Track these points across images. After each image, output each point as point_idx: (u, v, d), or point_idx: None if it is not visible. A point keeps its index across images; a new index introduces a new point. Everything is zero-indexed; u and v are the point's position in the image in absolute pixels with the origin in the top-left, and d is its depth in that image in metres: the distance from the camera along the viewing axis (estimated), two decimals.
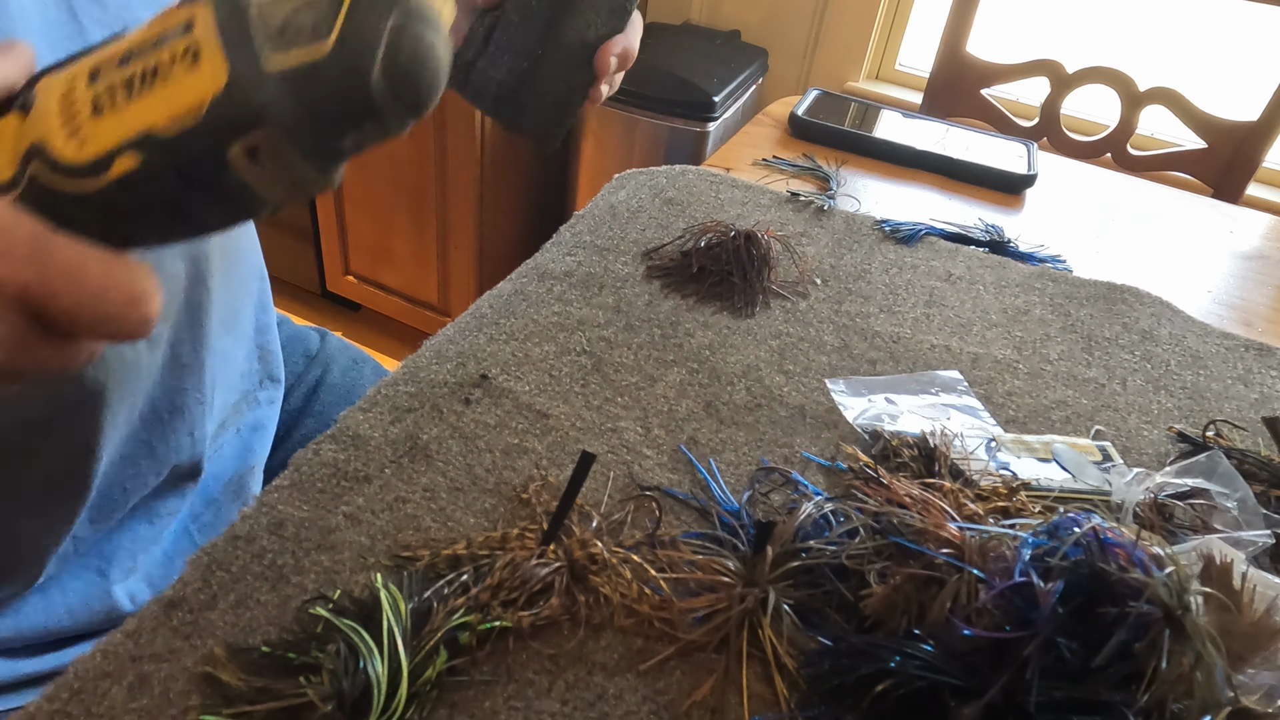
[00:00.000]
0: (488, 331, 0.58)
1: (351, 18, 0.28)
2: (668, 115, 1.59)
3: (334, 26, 0.28)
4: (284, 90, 0.28)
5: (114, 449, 0.51)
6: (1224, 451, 0.53)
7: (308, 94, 0.28)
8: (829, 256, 0.73)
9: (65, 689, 0.36)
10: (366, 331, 1.99)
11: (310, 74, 0.28)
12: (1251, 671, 0.37)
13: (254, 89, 0.27)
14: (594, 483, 0.48)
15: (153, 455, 0.53)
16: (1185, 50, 1.65)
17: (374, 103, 0.29)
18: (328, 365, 0.75)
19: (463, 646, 0.38)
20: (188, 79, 0.27)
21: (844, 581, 0.41)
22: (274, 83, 0.28)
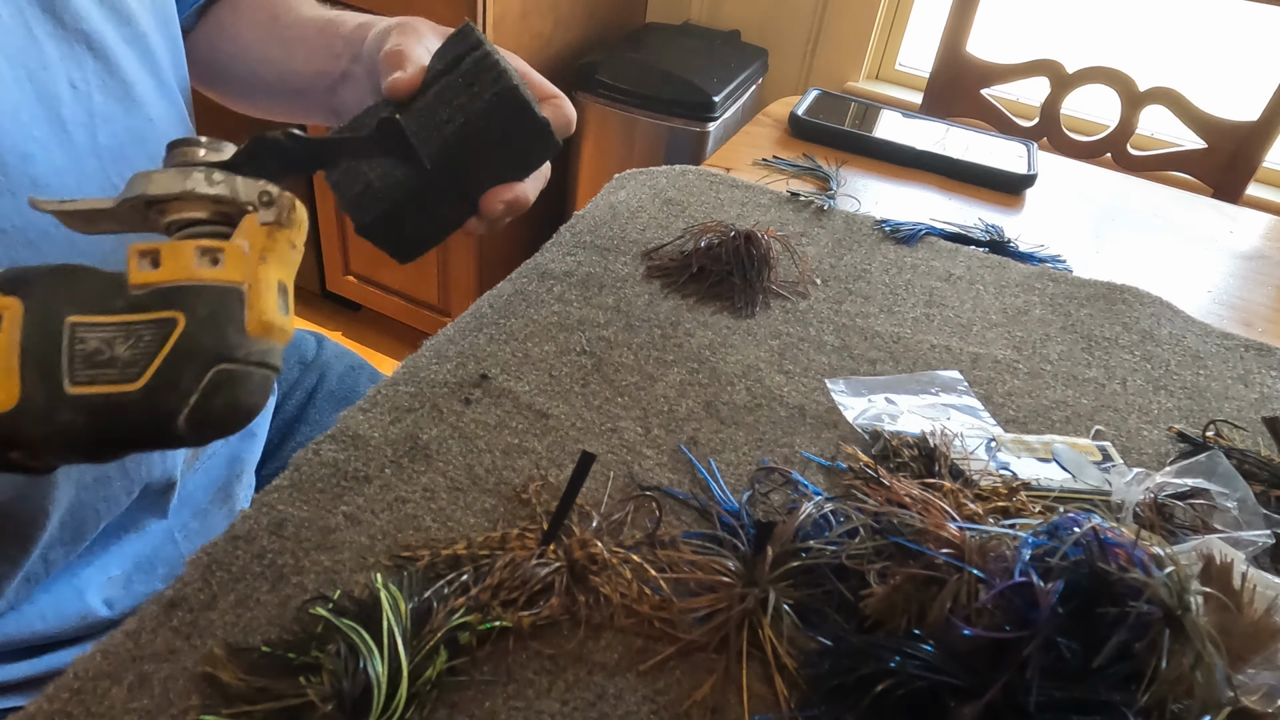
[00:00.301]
0: (488, 331, 0.58)
1: (171, 359, 0.28)
2: (668, 115, 1.59)
3: (149, 369, 0.28)
4: (80, 417, 0.28)
5: (81, 474, 0.49)
6: (1224, 451, 0.53)
7: (106, 424, 0.28)
8: (829, 256, 0.73)
9: (65, 689, 0.36)
10: (366, 331, 1.99)
11: (113, 408, 0.28)
12: (1251, 671, 0.37)
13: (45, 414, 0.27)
14: (594, 483, 0.48)
15: (125, 475, 0.52)
16: (1185, 50, 1.65)
17: (174, 438, 0.29)
18: (324, 371, 0.74)
19: (463, 646, 0.38)
20: None
21: (844, 581, 0.41)
22: (72, 408, 0.27)
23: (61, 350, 0.28)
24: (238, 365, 0.29)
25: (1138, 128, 1.30)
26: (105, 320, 0.28)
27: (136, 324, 0.28)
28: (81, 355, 0.28)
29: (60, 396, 0.28)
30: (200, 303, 0.29)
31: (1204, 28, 1.66)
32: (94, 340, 0.28)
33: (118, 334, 0.28)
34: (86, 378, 0.28)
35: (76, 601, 0.53)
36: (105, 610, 0.54)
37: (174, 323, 0.29)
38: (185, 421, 0.29)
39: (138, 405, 0.28)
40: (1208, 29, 1.66)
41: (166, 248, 0.29)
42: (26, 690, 0.52)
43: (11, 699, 0.51)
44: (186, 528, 0.60)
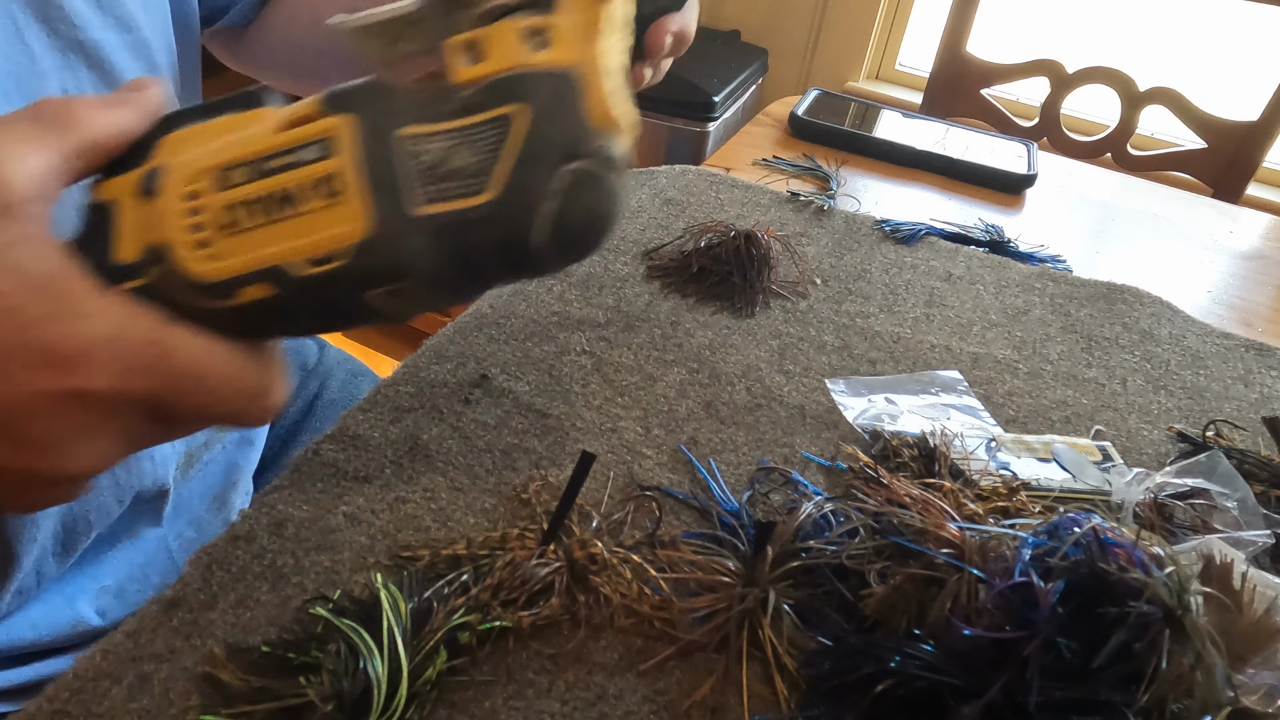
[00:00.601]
0: (488, 331, 0.58)
1: (520, 170, 0.25)
2: (668, 115, 1.59)
3: (493, 174, 0.25)
4: (433, 242, 0.25)
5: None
6: (1224, 451, 0.53)
7: (460, 247, 0.25)
8: (829, 256, 0.73)
9: (65, 689, 0.36)
10: (366, 331, 1.99)
11: (465, 226, 0.25)
12: (1251, 671, 0.37)
13: (401, 240, 0.25)
14: (594, 483, 0.48)
15: (115, 484, 0.51)
16: (1185, 50, 1.65)
17: (533, 259, 0.26)
18: (326, 379, 0.74)
19: (463, 646, 0.38)
20: (326, 215, 0.25)
21: (844, 581, 0.41)
22: (422, 235, 0.25)
23: (400, 168, 0.25)
24: (589, 163, 0.25)
25: (1138, 128, 1.30)
26: (439, 128, 0.26)
27: (471, 127, 0.25)
28: (421, 171, 0.25)
29: (410, 220, 0.25)
30: (538, 93, 0.25)
31: (1204, 28, 1.66)
32: (431, 152, 0.25)
33: (453, 141, 0.25)
34: (431, 195, 0.25)
35: (68, 610, 0.53)
36: (97, 619, 0.54)
37: (510, 119, 0.25)
38: (542, 236, 0.25)
39: (488, 220, 0.25)
40: (1208, 29, 1.66)
41: (488, 33, 0.26)
42: (15, 698, 0.51)
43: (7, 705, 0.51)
44: (182, 537, 0.59)
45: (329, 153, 0.25)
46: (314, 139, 0.26)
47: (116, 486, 0.52)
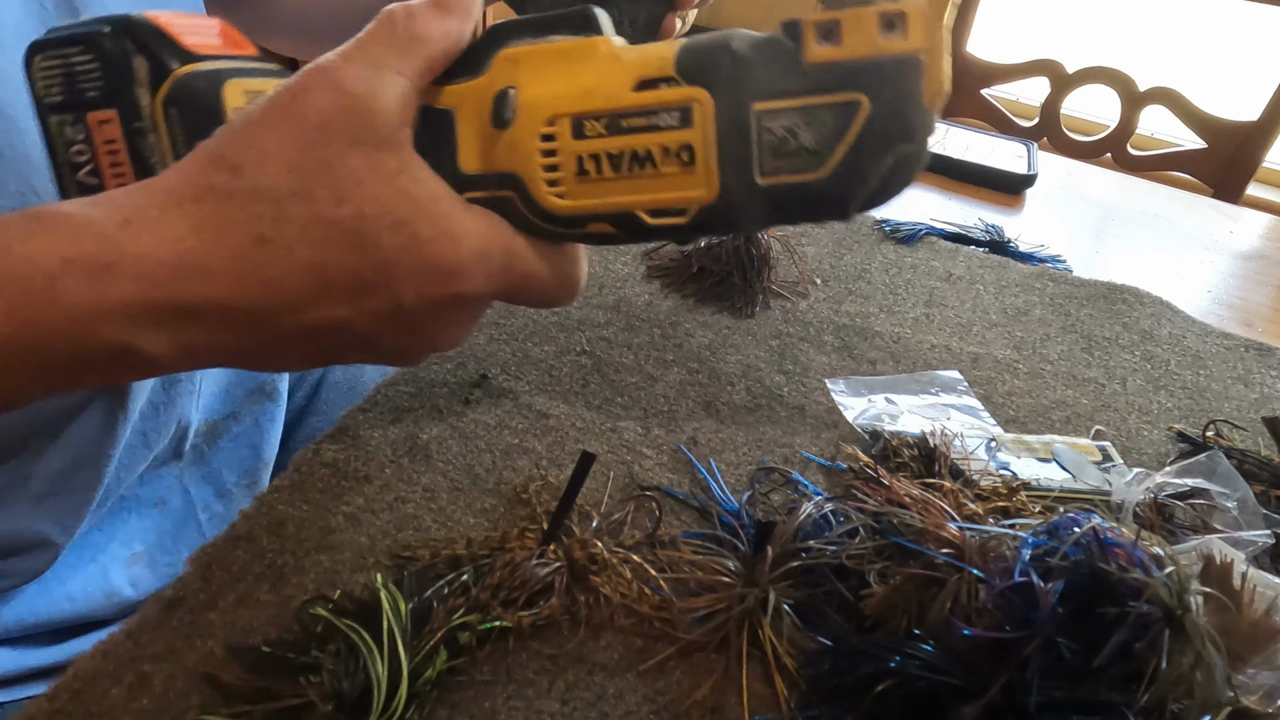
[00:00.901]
0: (488, 331, 0.58)
1: (855, 151, 0.27)
2: None
3: (832, 157, 0.27)
4: (764, 203, 0.29)
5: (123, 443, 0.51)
6: (1224, 451, 0.53)
7: (784, 210, 0.29)
8: (829, 256, 0.73)
9: (65, 689, 0.36)
10: None
11: (795, 195, 0.28)
12: (1251, 671, 0.37)
13: (738, 208, 0.28)
14: (594, 483, 0.48)
15: (146, 443, 0.54)
16: (1185, 50, 1.65)
17: (842, 214, 0.29)
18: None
19: (463, 646, 0.38)
20: (679, 179, 0.29)
21: (844, 581, 0.41)
22: (758, 202, 0.28)
23: (751, 142, 0.28)
24: (915, 146, 0.28)
25: (1138, 128, 1.30)
26: (787, 105, 0.28)
27: (818, 107, 0.28)
28: (769, 145, 0.28)
29: (753, 188, 0.28)
30: (884, 82, 0.27)
31: (1204, 28, 1.66)
32: (779, 128, 0.28)
33: (800, 119, 0.28)
34: (773, 168, 0.28)
35: (101, 581, 0.54)
36: (130, 590, 0.55)
37: (857, 105, 0.27)
38: (859, 204, 0.29)
39: (820, 192, 0.28)
40: (1208, 29, 1.66)
41: (848, 17, 0.28)
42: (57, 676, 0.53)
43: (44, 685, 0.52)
44: (210, 509, 0.61)
45: (688, 123, 0.28)
46: (673, 106, 0.28)
47: (147, 449, 0.54)
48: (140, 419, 0.52)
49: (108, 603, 0.54)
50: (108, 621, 0.55)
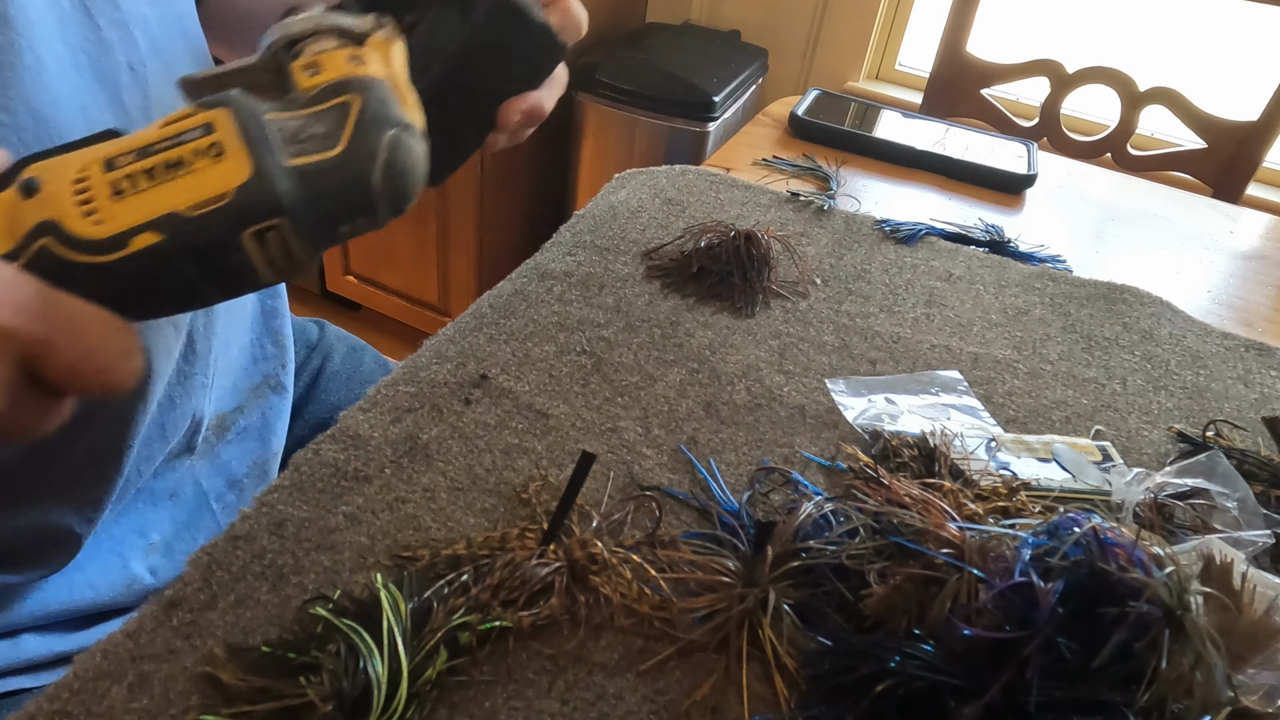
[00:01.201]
0: (488, 331, 0.58)
1: (358, 131, 0.33)
2: (668, 115, 1.59)
3: (342, 137, 0.33)
4: (299, 184, 0.32)
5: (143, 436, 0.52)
6: (1224, 451, 0.53)
7: (319, 189, 0.32)
8: (829, 256, 0.73)
9: (65, 689, 0.36)
10: (366, 331, 1.99)
11: (322, 172, 0.32)
12: (1251, 671, 0.37)
13: (275, 181, 0.31)
14: (594, 483, 0.48)
15: (163, 436, 0.54)
16: (1185, 50, 1.65)
17: (371, 200, 0.33)
18: (328, 353, 0.76)
19: (463, 646, 0.38)
20: (212, 170, 0.31)
21: (844, 581, 0.41)
22: (292, 177, 0.32)
23: (270, 136, 0.32)
24: (404, 131, 0.34)
25: (1138, 128, 1.30)
26: (295, 114, 0.34)
27: (320, 111, 0.34)
28: (287, 135, 0.33)
29: (280, 166, 0.32)
30: (367, 88, 0.34)
31: (1204, 28, 1.66)
32: (292, 125, 0.33)
33: (308, 120, 0.33)
34: (296, 151, 0.32)
35: (122, 569, 0.55)
36: (150, 578, 0.56)
37: (350, 104, 0.34)
38: (380, 179, 0.33)
39: (342, 166, 0.33)
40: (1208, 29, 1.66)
41: (323, 56, 0.35)
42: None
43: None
44: (223, 499, 0.61)
45: (212, 130, 0.32)
46: (196, 125, 0.32)
47: (164, 441, 0.54)
48: (159, 411, 0.53)
49: (129, 590, 0.55)
50: (130, 608, 0.55)
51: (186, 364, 0.54)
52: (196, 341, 0.54)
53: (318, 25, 0.37)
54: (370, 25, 0.38)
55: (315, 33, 0.37)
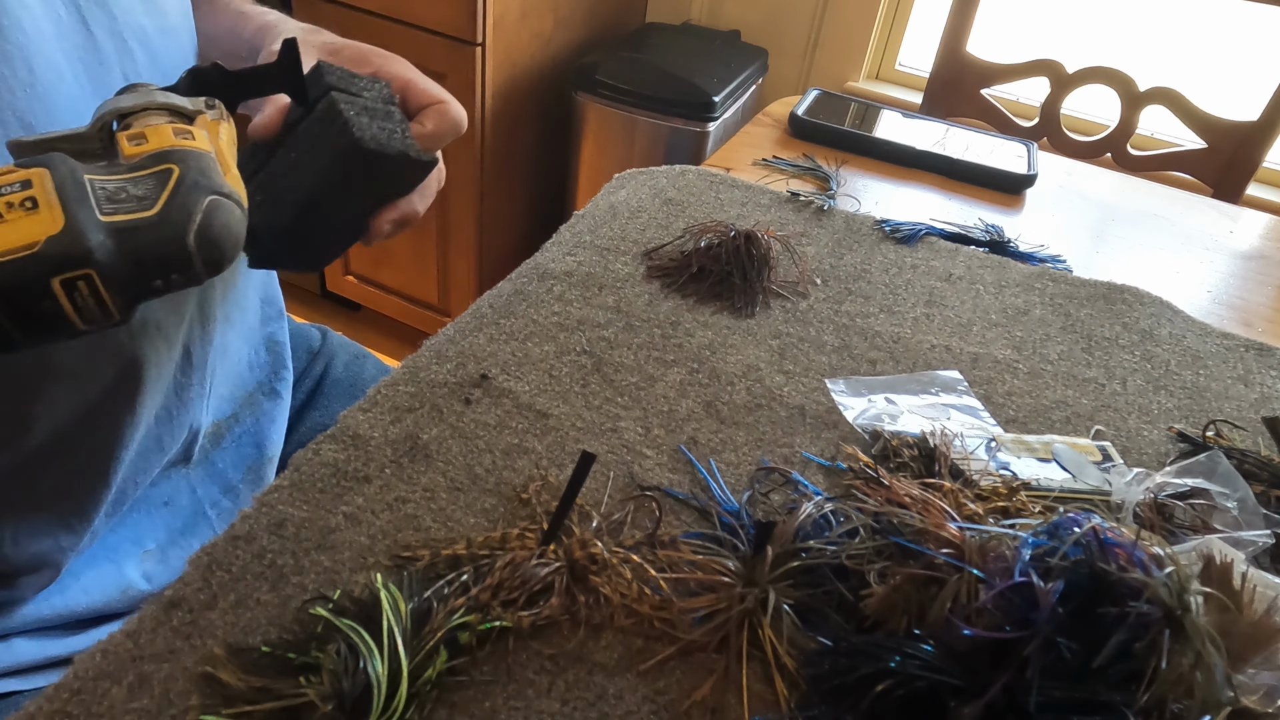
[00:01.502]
0: (488, 331, 0.58)
1: (175, 194, 0.35)
2: (668, 115, 1.59)
3: (159, 199, 0.35)
4: (111, 239, 0.34)
5: (135, 448, 0.52)
6: (1224, 451, 0.53)
7: (131, 245, 0.34)
8: (829, 256, 0.73)
9: (65, 689, 0.36)
10: (366, 331, 1.99)
11: (136, 230, 0.34)
12: (1251, 671, 0.37)
13: (87, 234, 0.33)
14: (594, 483, 0.48)
15: (160, 448, 0.55)
16: (1185, 50, 1.65)
17: (187, 259, 0.35)
18: (331, 360, 0.76)
19: (463, 646, 0.38)
20: (24, 221, 0.33)
21: (844, 581, 0.41)
22: (105, 231, 0.34)
23: (89, 194, 0.34)
24: (226, 198, 0.36)
25: (1138, 128, 1.30)
26: (116, 176, 0.35)
27: (141, 176, 0.36)
28: (104, 195, 0.34)
29: (95, 222, 0.33)
30: (188, 158, 0.36)
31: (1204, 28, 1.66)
32: (111, 186, 0.35)
33: (128, 183, 0.35)
34: (112, 209, 0.34)
35: (117, 575, 0.55)
36: (145, 584, 0.56)
37: (171, 171, 0.36)
38: (195, 240, 0.35)
39: (155, 227, 0.34)
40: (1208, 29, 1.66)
41: (149, 128, 0.37)
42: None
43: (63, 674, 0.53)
44: (219, 505, 0.62)
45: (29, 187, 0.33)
46: (15, 181, 0.34)
47: (161, 453, 0.55)
48: (156, 423, 0.53)
49: (124, 596, 0.55)
50: (124, 614, 0.56)
51: (183, 375, 0.54)
52: (193, 353, 0.54)
53: (150, 102, 0.39)
54: (200, 106, 0.41)
55: (146, 109, 0.39)
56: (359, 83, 0.47)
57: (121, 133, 0.38)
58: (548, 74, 1.69)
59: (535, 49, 1.62)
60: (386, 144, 0.46)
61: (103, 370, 0.48)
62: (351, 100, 0.46)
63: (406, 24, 1.48)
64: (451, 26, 1.46)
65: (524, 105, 1.66)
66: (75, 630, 0.54)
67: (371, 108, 0.47)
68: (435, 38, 1.48)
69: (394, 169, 0.48)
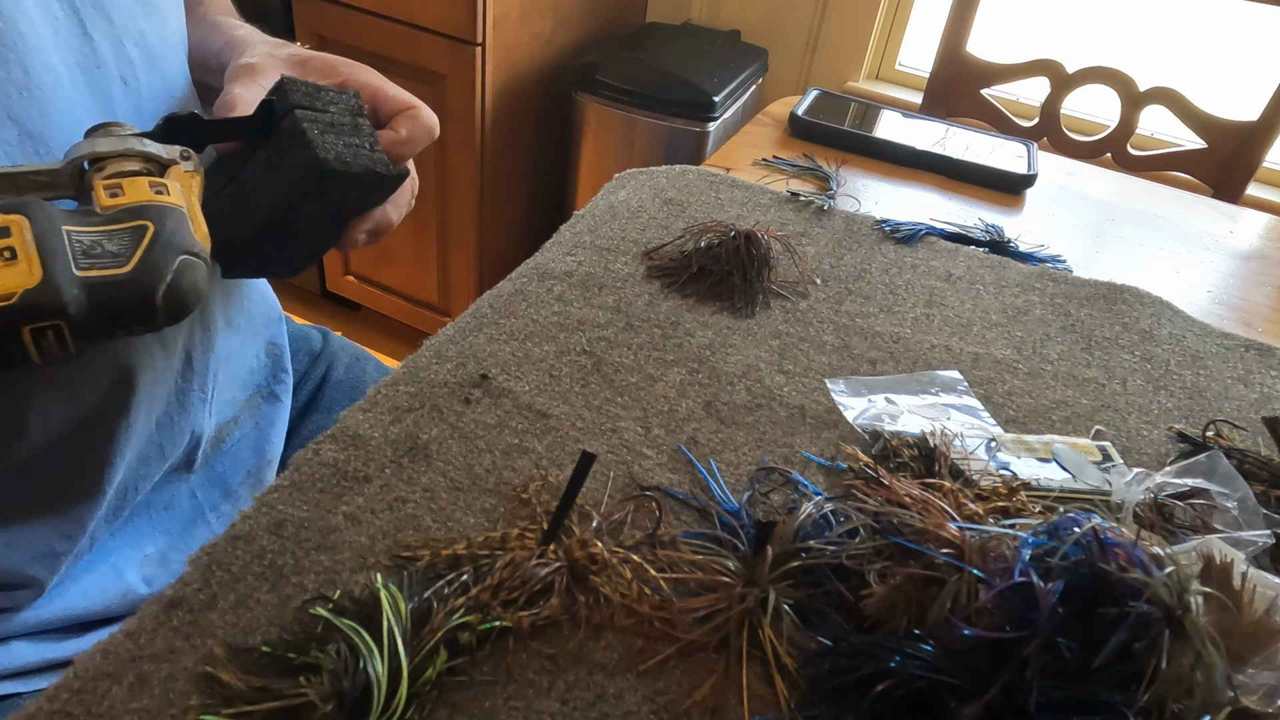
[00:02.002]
0: (488, 331, 0.58)
1: (150, 252, 0.37)
2: (668, 115, 1.59)
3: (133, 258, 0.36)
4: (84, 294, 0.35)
5: (131, 454, 0.52)
6: (1224, 451, 0.53)
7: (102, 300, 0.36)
8: (829, 256, 0.73)
9: (65, 689, 0.36)
10: (366, 331, 1.99)
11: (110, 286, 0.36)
12: (1251, 671, 0.37)
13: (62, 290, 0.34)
14: (594, 483, 0.48)
15: (161, 455, 0.55)
16: (1185, 50, 1.65)
17: (153, 313, 0.37)
18: (331, 362, 0.76)
19: (463, 646, 0.38)
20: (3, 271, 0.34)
21: (844, 581, 0.41)
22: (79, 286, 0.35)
23: (66, 248, 0.35)
24: (195, 257, 0.38)
25: (1138, 128, 1.30)
26: (91, 229, 0.36)
27: (116, 230, 0.37)
28: (80, 249, 0.36)
29: (71, 277, 0.35)
30: (163, 215, 0.38)
31: (1204, 28, 1.66)
32: (87, 240, 0.36)
33: (103, 237, 0.36)
34: (87, 264, 0.35)
35: (117, 580, 0.55)
36: (145, 588, 0.56)
37: (145, 228, 0.37)
38: (163, 298, 0.36)
39: (129, 284, 0.36)
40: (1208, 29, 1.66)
41: (126, 181, 0.38)
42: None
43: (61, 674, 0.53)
44: (218, 509, 0.62)
45: (8, 234, 0.34)
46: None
47: (162, 458, 0.55)
48: (157, 430, 0.53)
49: (123, 600, 0.55)
50: (124, 618, 0.55)
51: (185, 381, 0.54)
52: (195, 359, 0.54)
53: (126, 149, 0.40)
54: (175, 156, 0.42)
55: (122, 155, 0.40)
56: (326, 95, 0.47)
57: (98, 179, 0.38)
58: (548, 74, 1.69)
59: (535, 49, 1.62)
60: (352, 162, 0.46)
61: (97, 379, 0.48)
62: (316, 118, 0.45)
63: (406, 24, 1.48)
64: (451, 26, 1.46)
65: (524, 105, 1.66)
66: (75, 634, 0.54)
67: (338, 123, 0.46)
68: (435, 38, 1.48)
69: (360, 185, 0.48)
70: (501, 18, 1.48)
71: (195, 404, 0.55)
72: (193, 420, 0.56)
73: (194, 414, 0.56)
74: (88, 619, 0.54)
